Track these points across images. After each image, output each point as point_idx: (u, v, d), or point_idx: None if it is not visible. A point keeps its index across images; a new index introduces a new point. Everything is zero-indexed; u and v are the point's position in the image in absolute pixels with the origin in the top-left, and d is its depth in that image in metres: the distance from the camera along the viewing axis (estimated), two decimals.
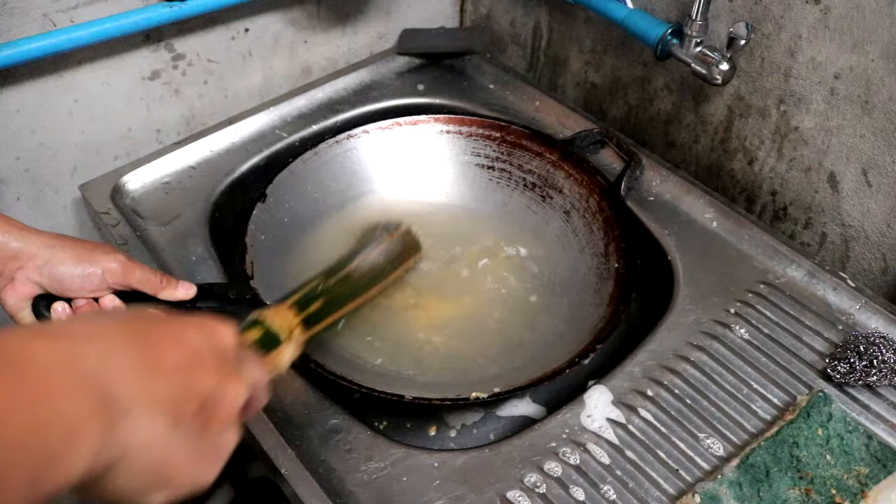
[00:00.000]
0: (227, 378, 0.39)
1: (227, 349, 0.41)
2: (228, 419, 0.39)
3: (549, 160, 0.80)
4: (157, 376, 0.36)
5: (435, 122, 0.83)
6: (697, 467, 0.56)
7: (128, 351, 0.35)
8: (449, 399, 0.59)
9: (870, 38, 0.68)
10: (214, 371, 0.38)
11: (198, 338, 0.39)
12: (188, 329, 0.39)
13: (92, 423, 0.32)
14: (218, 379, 0.38)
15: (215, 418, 0.38)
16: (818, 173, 0.78)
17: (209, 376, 0.38)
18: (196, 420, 0.37)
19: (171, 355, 0.37)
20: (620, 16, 0.81)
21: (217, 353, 0.40)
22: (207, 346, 0.39)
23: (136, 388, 0.34)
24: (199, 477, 0.39)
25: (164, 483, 0.36)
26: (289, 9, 0.91)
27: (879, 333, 0.62)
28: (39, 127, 0.79)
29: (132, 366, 0.35)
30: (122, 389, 0.34)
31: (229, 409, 0.39)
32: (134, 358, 0.35)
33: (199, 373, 0.38)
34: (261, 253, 0.69)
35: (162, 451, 0.35)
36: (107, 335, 0.35)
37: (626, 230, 0.71)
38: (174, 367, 0.37)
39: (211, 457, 0.39)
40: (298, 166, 0.78)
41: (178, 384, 0.36)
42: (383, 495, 0.54)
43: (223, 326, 0.41)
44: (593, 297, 0.69)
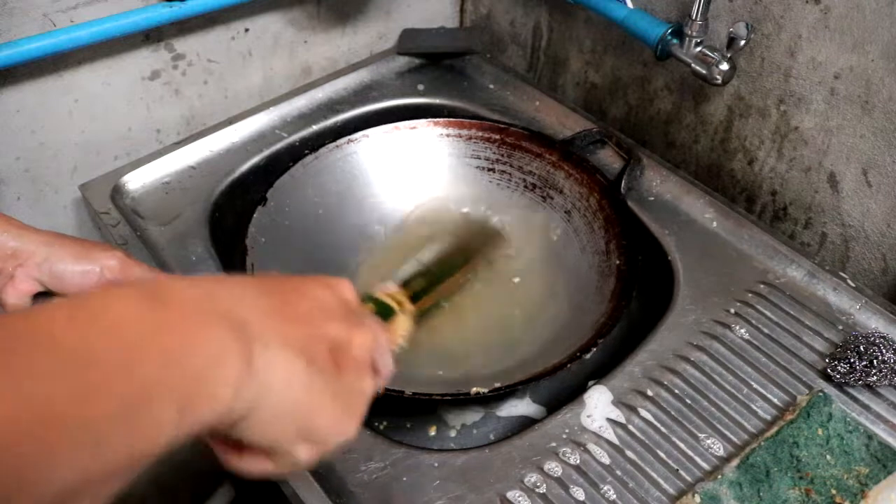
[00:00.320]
0: (353, 325, 0.40)
1: (349, 302, 0.42)
2: (360, 364, 0.40)
3: (548, 161, 0.80)
4: (287, 320, 0.37)
5: (434, 126, 0.83)
6: (697, 467, 0.56)
7: (258, 298, 0.37)
8: (450, 394, 0.59)
9: (870, 38, 0.68)
10: (340, 319, 0.40)
11: (322, 291, 0.41)
12: (312, 283, 0.41)
13: (233, 350, 0.32)
14: (345, 325, 0.40)
15: (347, 361, 0.39)
16: (818, 173, 0.78)
17: (336, 323, 0.39)
18: (329, 362, 0.38)
19: (298, 304, 0.39)
20: (620, 16, 0.81)
21: (341, 305, 0.41)
22: (331, 297, 0.41)
23: (270, 327, 0.35)
24: (341, 426, 0.39)
25: (307, 432, 0.37)
26: (289, 9, 0.91)
27: (879, 333, 0.62)
28: (39, 127, 0.79)
29: (264, 310, 0.36)
30: (258, 326, 0.34)
31: (359, 354, 0.40)
32: (265, 304, 0.36)
33: (327, 320, 0.39)
34: (261, 255, 0.69)
35: (301, 390, 0.36)
36: (237, 284, 0.37)
37: (626, 227, 0.71)
38: (303, 314, 0.38)
39: (349, 404, 0.39)
40: (299, 170, 0.78)
41: (308, 329, 0.38)
42: (383, 495, 0.54)
43: (344, 282, 0.43)
44: (595, 294, 0.69)
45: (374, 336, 0.42)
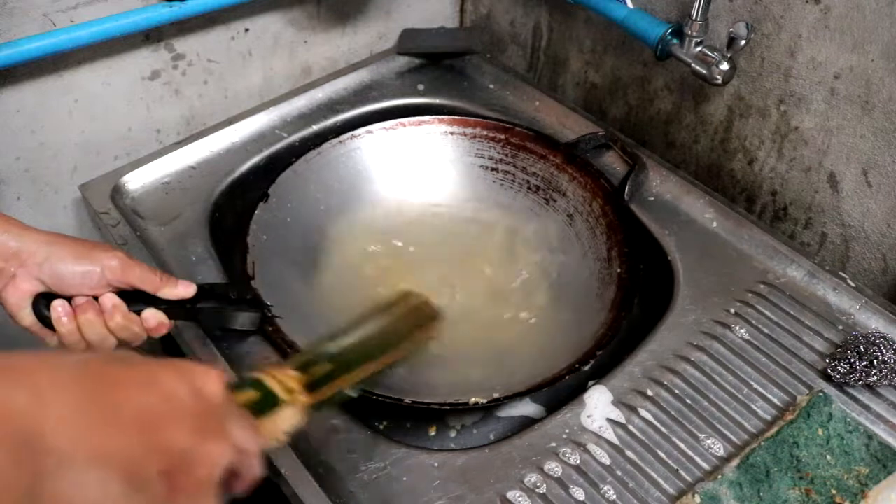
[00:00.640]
0: (208, 434, 0.32)
1: (211, 399, 0.34)
2: (203, 488, 0.32)
3: (552, 163, 0.80)
4: (109, 425, 0.29)
5: (439, 123, 0.83)
6: (697, 467, 0.56)
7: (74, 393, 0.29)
8: (448, 403, 0.59)
9: (870, 38, 0.68)
10: (191, 424, 0.32)
11: (174, 382, 0.33)
12: (165, 372, 0.33)
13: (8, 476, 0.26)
14: (195, 434, 0.32)
15: (186, 485, 0.31)
16: (818, 173, 0.78)
17: (183, 430, 0.31)
18: (161, 484, 0.30)
19: (132, 401, 0.31)
20: (620, 16, 0.81)
21: (198, 403, 0.33)
22: (186, 392, 0.33)
23: (78, 438, 0.28)
24: None
25: None
26: (289, 9, 0.91)
27: (879, 333, 0.62)
28: (39, 127, 0.79)
29: (76, 411, 0.28)
30: (58, 439, 0.27)
31: (207, 475, 0.32)
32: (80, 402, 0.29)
33: (171, 424, 0.31)
34: (262, 253, 0.69)
35: None
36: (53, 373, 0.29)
37: (629, 235, 0.71)
38: (136, 416, 0.30)
39: None
40: (301, 166, 0.78)
41: (140, 436, 0.30)
42: (383, 495, 0.54)
43: (210, 372, 0.35)
44: (595, 301, 0.69)
45: (232, 447, 0.34)
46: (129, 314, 0.57)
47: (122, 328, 0.57)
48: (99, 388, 0.30)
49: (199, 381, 0.34)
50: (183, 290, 0.59)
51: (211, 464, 0.32)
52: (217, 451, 0.32)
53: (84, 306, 0.56)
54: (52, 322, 0.55)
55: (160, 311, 0.58)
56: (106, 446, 0.28)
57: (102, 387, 0.30)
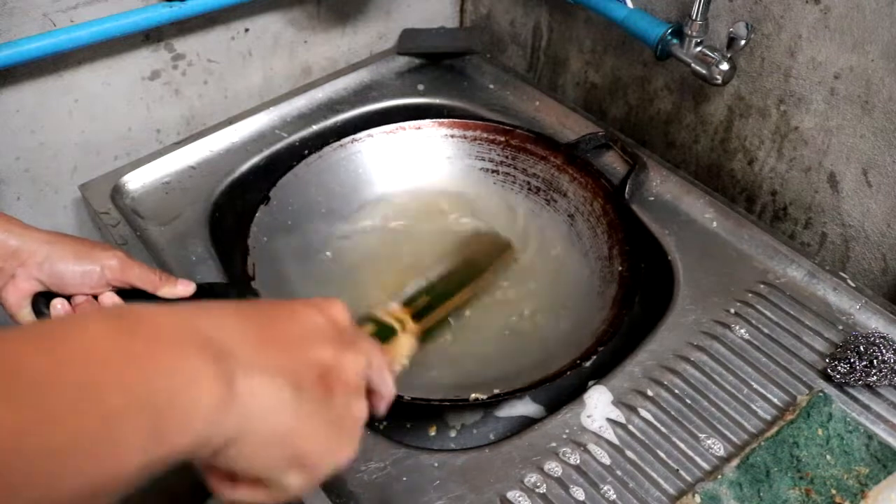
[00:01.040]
0: (344, 348, 0.39)
1: (341, 324, 0.40)
2: (352, 387, 0.38)
3: (553, 164, 0.80)
4: (272, 346, 0.35)
5: (439, 127, 0.83)
6: (697, 467, 0.56)
7: (241, 323, 0.35)
8: (448, 400, 0.59)
9: (870, 38, 0.68)
10: (330, 342, 0.38)
11: (310, 314, 0.39)
12: (300, 306, 0.40)
13: (210, 375, 0.31)
14: (334, 349, 0.38)
15: (338, 385, 0.37)
16: (818, 173, 0.78)
17: (325, 347, 0.38)
18: (318, 387, 0.36)
19: (284, 329, 0.37)
20: (620, 16, 0.81)
21: (331, 327, 0.39)
22: (321, 320, 0.39)
23: (253, 353, 0.34)
24: (334, 452, 0.38)
25: (299, 459, 0.35)
26: (289, 9, 0.91)
27: (879, 333, 0.62)
28: (39, 127, 0.79)
29: (247, 336, 0.34)
30: (240, 351, 0.33)
31: (351, 377, 0.38)
32: (248, 329, 0.35)
33: (315, 344, 0.38)
34: (262, 255, 0.69)
35: (288, 416, 0.34)
36: (219, 310, 0.35)
37: (629, 234, 0.71)
38: (289, 339, 0.37)
39: (342, 429, 0.38)
40: (302, 169, 0.78)
41: (295, 354, 0.36)
42: (383, 495, 0.54)
43: (336, 303, 0.41)
44: (596, 300, 0.69)
45: (366, 358, 0.40)
46: None
47: None
48: (257, 321, 0.36)
49: (330, 311, 0.40)
50: (182, 289, 0.60)
51: (353, 370, 0.39)
52: (353, 359, 0.39)
53: (84, 305, 0.56)
54: None
55: None
56: (275, 361, 0.34)
57: (259, 319, 0.37)
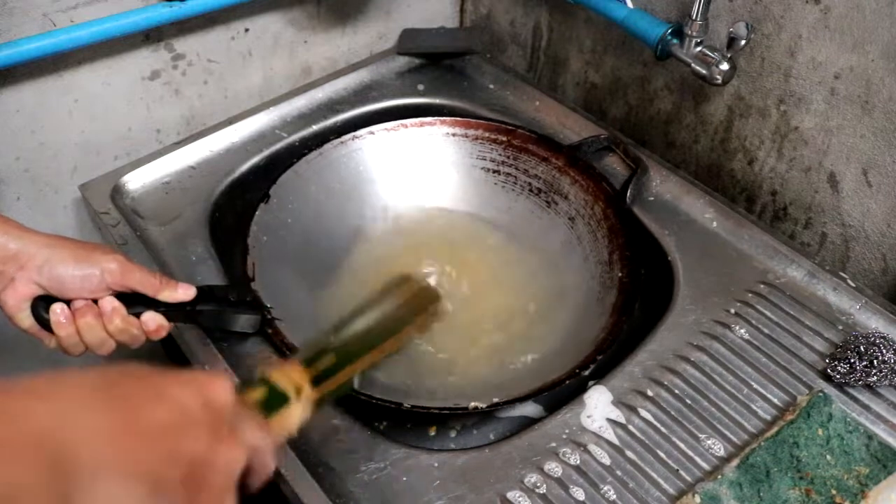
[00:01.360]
0: (221, 440, 0.34)
1: (221, 407, 0.36)
2: (223, 488, 0.34)
3: (555, 165, 0.80)
4: (132, 437, 0.30)
5: (441, 125, 0.83)
6: (697, 467, 0.56)
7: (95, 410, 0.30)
8: (448, 408, 0.59)
9: (870, 38, 0.68)
10: (205, 433, 0.33)
11: (186, 394, 0.34)
12: (175, 385, 0.35)
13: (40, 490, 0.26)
14: (210, 441, 0.33)
15: (207, 487, 0.33)
16: (818, 173, 0.78)
17: (199, 439, 0.33)
18: (184, 489, 0.32)
19: (151, 414, 0.32)
20: (620, 16, 0.81)
21: (209, 413, 0.34)
22: (197, 403, 0.34)
23: (105, 450, 0.29)
24: None
25: None
26: (289, 9, 0.91)
27: (879, 333, 0.62)
28: (39, 127, 0.79)
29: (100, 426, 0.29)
30: (85, 451, 0.28)
31: (224, 476, 0.34)
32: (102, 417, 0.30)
33: (187, 434, 0.33)
34: (262, 254, 0.69)
35: None
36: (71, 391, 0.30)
37: (630, 239, 0.71)
38: (155, 428, 0.32)
39: None
40: (303, 167, 0.77)
41: (160, 447, 0.31)
42: (383, 495, 0.54)
43: (218, 381, 0.37)
44: (596, 305, 0.69)
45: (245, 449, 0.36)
46: (129, 317, 0.57)
47: (122, 331, 0.56)
48: (117, 404, 0.31)
49: (207, 392, 0.35)
50: (182, 293, 0.59)
51: (227, 468, 0.34)
52: (231, 455, 0.34)
53: (83, 310, 0.56)
54: (52, 325, 0.55)
55: (159, 314, 0.58)
56: (131, 459, 0.30)
57: (120, 403, 0.31)
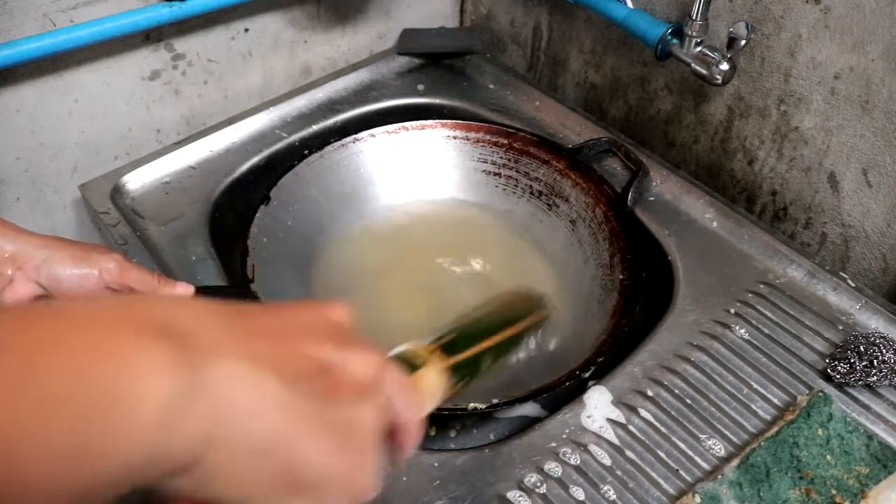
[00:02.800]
0: (348, 345, 0.30)
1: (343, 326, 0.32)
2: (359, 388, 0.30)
3: (556, 168, 0.80)
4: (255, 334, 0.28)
5: (442, 128, 0.83)
6: (697, 467, 0.56)
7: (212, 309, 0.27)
8: (447, 409, 0.59)
9: (870, 38, 0.68)
10: (329, 339, 0.30)
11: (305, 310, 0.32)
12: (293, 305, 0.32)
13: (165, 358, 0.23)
14: (336, 345, 0.30)
15: (344, 384, 0.29)
16: (818, 173, 0.78)
17: (323, 343, 0.29)
18: (318, 383, 0.28)
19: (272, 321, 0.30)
20: (620, 16, 0.81)
21: (331, 327, 0.31)
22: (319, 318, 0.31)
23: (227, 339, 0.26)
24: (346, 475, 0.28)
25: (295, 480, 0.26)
26: (289, 9, 0.91)
27: (879, 333, 0.62)
28: (39, 127, 0.79)
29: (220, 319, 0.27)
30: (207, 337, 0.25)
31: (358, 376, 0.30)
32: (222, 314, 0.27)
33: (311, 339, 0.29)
34: (262, 256, 0.69)
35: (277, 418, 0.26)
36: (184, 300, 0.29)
37: (631, 242, 0.71)
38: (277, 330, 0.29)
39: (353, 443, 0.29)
40: (303, 169, 0.77)
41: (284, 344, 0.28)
42: (383, 495, 0.54)
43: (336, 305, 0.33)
44: (597, 308, 0.69)
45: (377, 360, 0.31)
46: None
47: None
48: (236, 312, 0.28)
49: (329, 311, 0.32)
50: (181, 291, 0.59)
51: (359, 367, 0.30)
52: (362, 356, 0.30)
53: None
54: None
55: None
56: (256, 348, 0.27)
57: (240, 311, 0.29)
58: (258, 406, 0.25)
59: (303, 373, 0.28)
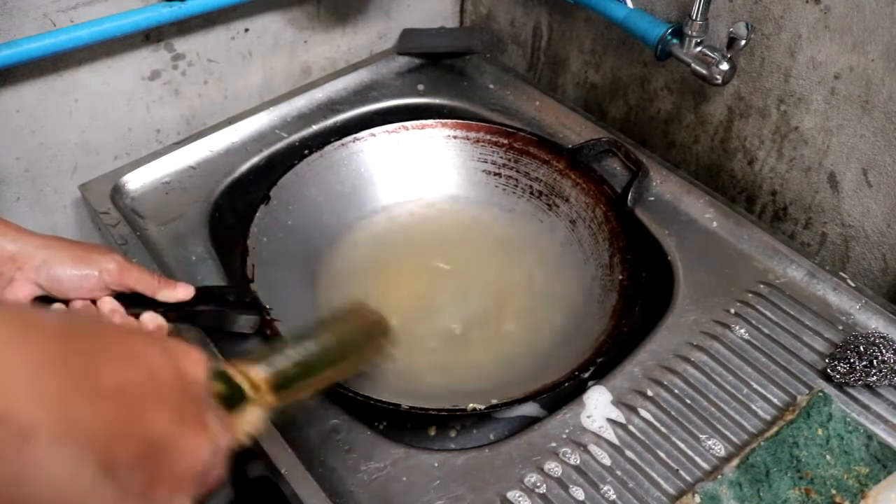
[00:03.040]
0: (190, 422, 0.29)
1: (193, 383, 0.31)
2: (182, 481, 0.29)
3: (556, 168, 0.80)
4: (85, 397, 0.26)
5: (442, 127, 0.83)
6: (697, 467, 0.56)
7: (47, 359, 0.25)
8: (446, 410, 0.59)
9: (870, 38, 0.68)
10: (173, 408, 0.28)
11: (157, 359, 0.29)
12: (150, 346, 0.30)
13: None
14: (176, 420, 0.28)
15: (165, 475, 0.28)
16: (818, 173, 0.78)
17: (164, 413, 0.28)
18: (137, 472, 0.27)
19: (116, 373, 0.27)
20: (620, 16, 0.81)
21: (180, 386, 0.30)
22: (169, 372, 0.30)
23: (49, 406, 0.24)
24: None
25: None
26: (289, 9, 0.91)
27: (879, 333, 0.62)
28: (39, 127, 0.79)
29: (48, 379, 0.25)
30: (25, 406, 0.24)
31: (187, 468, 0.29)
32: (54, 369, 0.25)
33: (152, 406, 0.28)
34: (262, 256, 0.69)
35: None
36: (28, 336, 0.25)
37: (631, 242, 0.71)
38: (116, 390, 0.27)
39: None
40: (303, 169, 0.77)
41: (117, 413, 0.26)
42: (383, 495, 0.54)
43: (193, 352, 0.32)
44: (597, 308, 0.69)
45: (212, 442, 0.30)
46: (127, 317, 0.57)
47: None
48: (76, 356, 0.26)
49: (182, 362, 0.31)
50: (181, 292, 0.59)
51: (192, 456, 0.29)
52: (199, 442, 0.29)
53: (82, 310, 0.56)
54: None
55: (158, 314, 0.58)
56: (81, 420, 0.25)
57: (80, 356, 0.27)
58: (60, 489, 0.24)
59: (128, 457, 0.26)
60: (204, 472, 0.30)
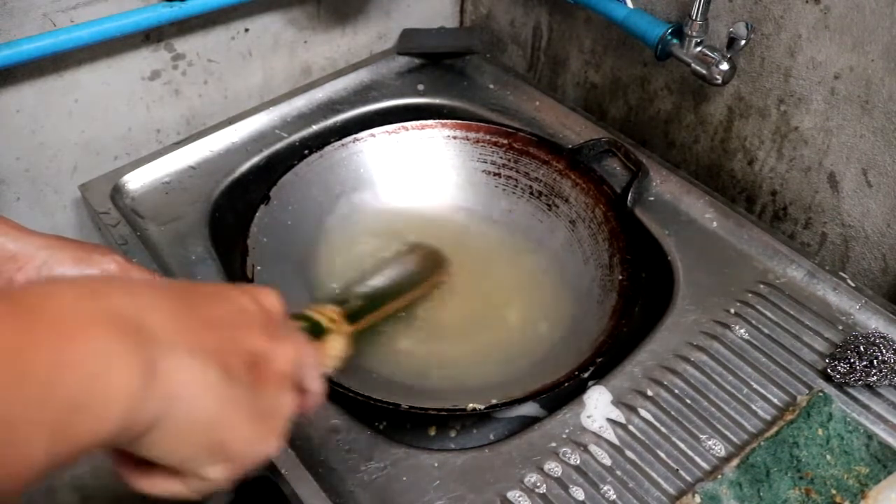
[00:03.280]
0: (275, 337, 0.37)
1: (273, 314, 0.39)
2: (281, 379, 0.37)
3: (556, 168, 0.79)
4: (199, 325, 0.33)
5: (442, 128, 0.83)
6: (697, 467, 0.56)
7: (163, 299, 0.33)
8: (446, 410, 0.59)
9: (870, 38, 0.68)
10: (261, 329, 0.37)
11: (243, 298, 0.38)
12: (232, 290, 0.38)
13: (125, 359, 0.28)
14: (267, 338, 0.36)
15: (268, 375, 0.36)
16: (818, 173, 0.78)
17: (255, 333, 0.36)
18: (248, 375, 0.34)
19: (214, 310, 0.35)
20: (620, 16, 0.81)
21: (263, 316, 0.38)
22: (253, 306, 0.38)
23: (177, 331, 0.32)
24: (258, 445, 0.36)
25: (221, 449, 0.33)
26: (289, 9, 0.91)
27: (879, 333, 0.62)
28: (39, 127, 0.79)
29: (170, 312, 0.32)
30: (162, 330, 0.31)
31: (282, 369, 0.37)
32: (171, 305, 0.33)
33: (245, 328, 0.36)
34: (262, 256, 0.69)
35: (214, 402, 0.32)
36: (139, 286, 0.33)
37: (631, 242, 0.70)
38: (218, 319, 0.35)
39: (269, 421, 0.36)
40: (303, 169, 0.77)
41: (224, 336, 0.34)
42: (383, 495, 0.54)
43: (269, 292, 0.40)
44: (596, 309, 0.69)
45: (297, 351, 0.39)
46: None
47: None
48: (185, 300, 0.34)
49: (263, 299, 0.39)
50: None
51: (284, 360, 0.37)
52: (284, 349, 0.37)
53: None
54: None
55: None
56: (201, 340, 0.33)
57: (187, 298, 0.35)
58: (199, 393, 0.32)
59: (236, 365, 0.34)
60: (298, 373, 0.38)
